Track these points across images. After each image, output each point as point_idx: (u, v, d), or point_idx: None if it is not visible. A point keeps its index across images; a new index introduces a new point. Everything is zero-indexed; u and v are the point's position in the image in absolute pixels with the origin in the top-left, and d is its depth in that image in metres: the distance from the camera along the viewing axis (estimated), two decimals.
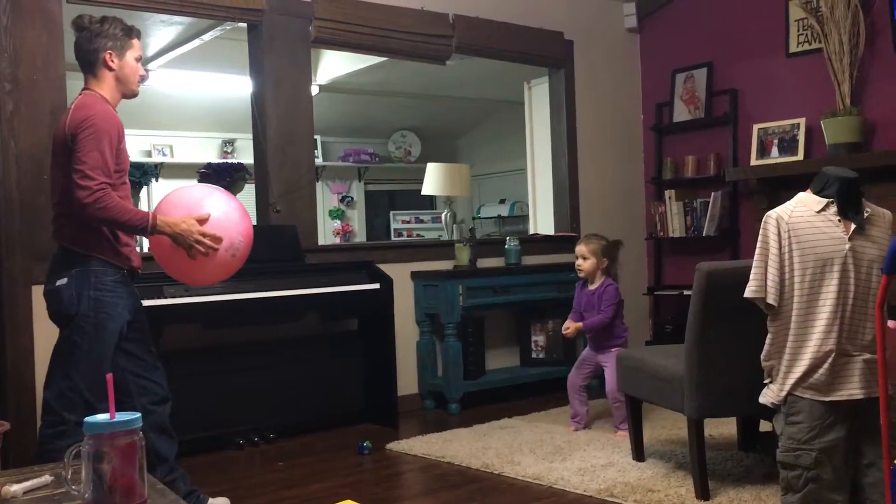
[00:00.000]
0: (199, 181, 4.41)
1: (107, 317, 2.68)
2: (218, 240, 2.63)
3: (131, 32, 2.82)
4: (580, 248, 4.05)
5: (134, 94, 2.87)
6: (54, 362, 2.75)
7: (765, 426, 3.32)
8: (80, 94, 2.76)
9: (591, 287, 4.03)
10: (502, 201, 8.25)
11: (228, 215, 2.71)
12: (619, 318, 4.00)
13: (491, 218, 8.35)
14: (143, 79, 2.88)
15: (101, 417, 1.18)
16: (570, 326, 4.05)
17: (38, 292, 3.67)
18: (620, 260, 4.18)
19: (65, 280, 2.66)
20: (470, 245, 4.90)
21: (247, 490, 3.31)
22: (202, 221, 2.63)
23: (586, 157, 5.62)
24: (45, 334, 3.67)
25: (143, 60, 6.50)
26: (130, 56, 2.80)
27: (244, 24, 4.43)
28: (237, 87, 5.80)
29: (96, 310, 2.66)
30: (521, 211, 7.66)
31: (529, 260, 5.18)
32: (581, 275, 4.06)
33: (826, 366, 2.46)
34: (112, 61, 2.76)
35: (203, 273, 2.73)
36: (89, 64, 2.76)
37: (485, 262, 5.01)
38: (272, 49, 4.36)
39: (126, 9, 3.97)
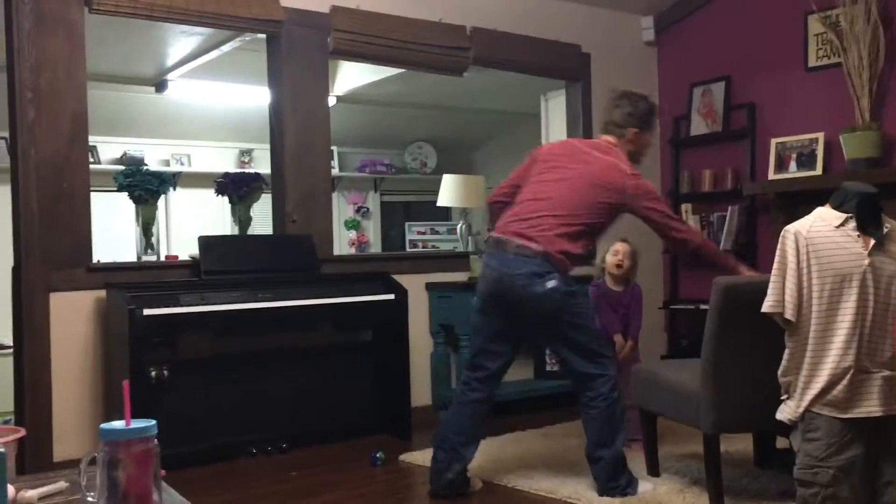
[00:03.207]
0: (217, 191, 4.43)
1: (586, 300, 3.35)
2: None
3: (654, 117, 3.44)
4: (626, 247, 4.01)
5: (638, 162, 3.39)
6: (568, 351, 3.17)
7: (782, 443, 3.28)
8: (616, 151, 3.29)
9: (617, 288, 4.01)
10: None
11: None
12: None
13: None
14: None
15: (117, 424, 1.18)
16: (623, 347, 3.98)
17: (55, 299, 3.70)
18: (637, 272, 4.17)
19: (554, 282, 3.07)
20: None
21: (259, 500, 3.31)
22: None
23: None
24: (62, 341, 3.71)
25: (163, 70, 6.56)
26: (649, 137, 3.42)
27: (263, 36, 4.46)
28: (255, 98, 5.84)
29: (581, 296, 3.26)
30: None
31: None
32: (619, 272, 4.00)
33: (844, 382, 2.43)
34: (633, 138, 3.34)
35: None
36: (618, 128, 3.34)
37: None
38: (290, 60, 4.39)
39: (147, 19, 4.01)
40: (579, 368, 3.17)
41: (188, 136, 7.13)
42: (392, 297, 4.26)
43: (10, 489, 1.42)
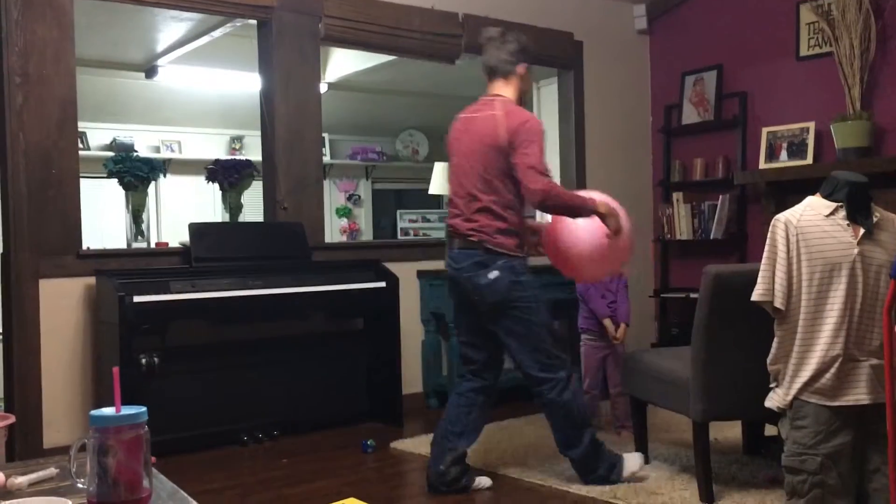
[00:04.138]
0: (207, 178, 4.42)
1: (538, 292, 3.12)
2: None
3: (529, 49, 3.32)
4: None
5: (523, 102, 3.29)
6: (515, 347, 3.11)
7: (770, 430, 3.31)
8: (497, 100, 3.18)
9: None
10: None
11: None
12: None
13: None
14: None
15: (107, 411, 1.18)
16: (620, 332, 4.04)
17: (45, 286, 3.69)
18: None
19: (496, 273, 3.04)
20: None
21: (250, 487, 3.32)
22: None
23: (594, 158, 5.61)
24: (51, 328, 3.69)
25: (153, 55, 6.51)
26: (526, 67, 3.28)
27: (254, 21, 4.44)
28: (246, 84, 5.81)
29: (532, 289, 3.10)
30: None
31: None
32: None
33: (833, 370, 2.45)
34: (525, 73, 3.24)
35: (611, 259, 3.23)
36: (510, 66, 3.22)
37: None
38: (282, 46, 4.36)
39: (136, 4, 3.98)
40: (525, 369, 3.14)
41: (178, 122, 7.09)
42: (383, 284, 4.27)
43: (0, 476, 1.41)
